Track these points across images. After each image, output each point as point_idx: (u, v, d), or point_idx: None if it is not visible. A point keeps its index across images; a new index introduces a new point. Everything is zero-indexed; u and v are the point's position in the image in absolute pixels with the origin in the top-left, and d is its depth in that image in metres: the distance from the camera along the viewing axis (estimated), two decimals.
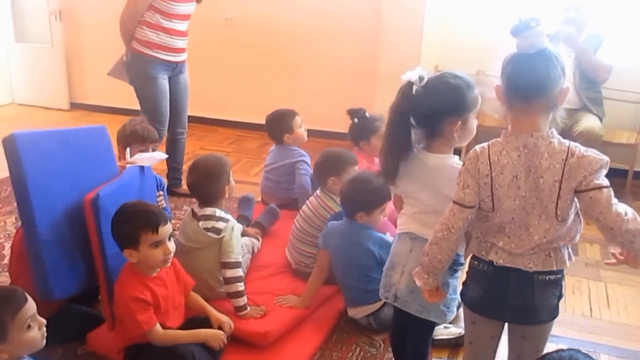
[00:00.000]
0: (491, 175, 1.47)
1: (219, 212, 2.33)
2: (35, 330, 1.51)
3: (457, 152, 1.71)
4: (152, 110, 3.35)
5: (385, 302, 2.28)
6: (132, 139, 2.68)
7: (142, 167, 2.34)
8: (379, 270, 2.25)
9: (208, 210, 2.34)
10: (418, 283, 1.61)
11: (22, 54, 5.87)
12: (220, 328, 2.08)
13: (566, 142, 1.43)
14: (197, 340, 1.99)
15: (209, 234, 2.29)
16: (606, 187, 1.38)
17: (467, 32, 4.38)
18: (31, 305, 1.52)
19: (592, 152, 1.41)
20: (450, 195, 1.56)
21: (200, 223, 2.31)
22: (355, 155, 2.74)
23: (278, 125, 3.20)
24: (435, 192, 1.68)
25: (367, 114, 2.89)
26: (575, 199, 1.43)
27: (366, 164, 2.87)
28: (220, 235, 2.28)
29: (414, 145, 1.70)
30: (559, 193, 1.41)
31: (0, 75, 5.86)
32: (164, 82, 3.35)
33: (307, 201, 2.71)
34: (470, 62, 3.08)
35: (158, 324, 1.94)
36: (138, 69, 3.32)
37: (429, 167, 1.69)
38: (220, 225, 2.30)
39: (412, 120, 1.67)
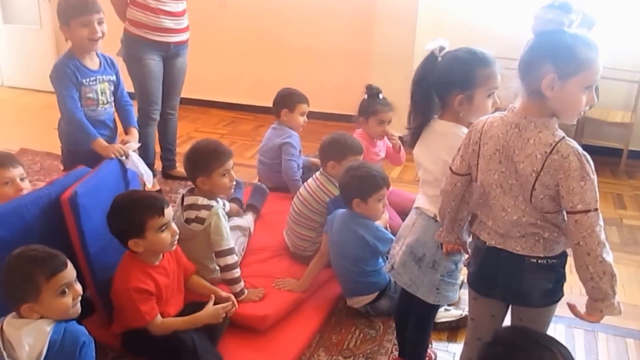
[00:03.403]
0: (479, 144, 1.48)
1: (200, 200, 2.29)
2: (68, 298, 1.53)
3: None
4: (140, 90, 3.33)
5: (381, 293, 2.30)
6: (72, 12, 2.43)
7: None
8: (374, 263, 2.26)
9: (191, 199, 2.30)
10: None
11: (10, 36, 5.74)
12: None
13: (560, 135, 1.36)
14: (196, 325, 1.98)
15: (193, 224, 2.24)
16: (594, 210, 1.33)
17: (462, 14, 4.32)
18: (69, 273, 1.54)
19: (577, 159, 1.32)
20: (449, 162, 1.62)
21: (185, 213, 2.27)
22: (361, 142, 2.68)
23: (283, 98, 3.19)
24: (436, 158, 1.72)
25: (380, 95, 2.88)
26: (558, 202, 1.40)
27: (365, 144, 2.83)
28: (205, 225, 2.24)
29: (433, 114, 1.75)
30: (534, 184, 1.38)
31: None
32: (153, 62, 3.28)
33: (305, 184, 2.69)
34: (465, 45, 3.04)
35: (159, 315, 1.93)
36: (128, 48, 3.29)
37: (434, 132, 1.74)
38: (203, 214, 2.25)
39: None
